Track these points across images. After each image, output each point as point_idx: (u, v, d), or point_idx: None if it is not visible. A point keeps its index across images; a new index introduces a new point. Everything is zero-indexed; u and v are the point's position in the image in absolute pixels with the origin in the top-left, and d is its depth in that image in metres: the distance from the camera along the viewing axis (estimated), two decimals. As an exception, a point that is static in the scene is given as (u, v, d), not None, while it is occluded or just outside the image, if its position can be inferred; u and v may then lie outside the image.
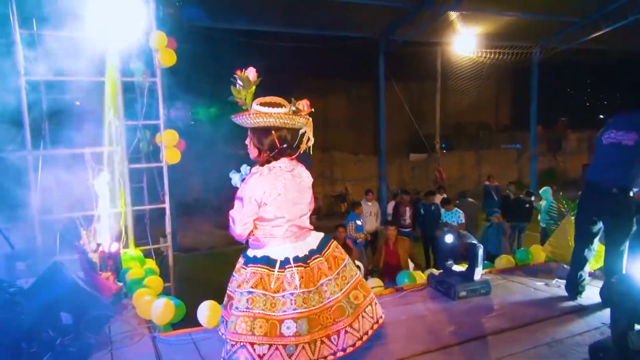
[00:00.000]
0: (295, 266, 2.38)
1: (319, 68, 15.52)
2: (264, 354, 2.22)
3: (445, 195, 9.96)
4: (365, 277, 6.90)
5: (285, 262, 2.39)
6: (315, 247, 2.54)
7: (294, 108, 2.47)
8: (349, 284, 2.52)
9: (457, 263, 4.85)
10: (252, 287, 2.31)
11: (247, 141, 2.52)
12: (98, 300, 3.88)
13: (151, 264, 5.47)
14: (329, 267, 2.49)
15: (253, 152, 2.50)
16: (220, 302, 2.93)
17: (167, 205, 6.19)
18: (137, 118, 6.17)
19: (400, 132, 18.02)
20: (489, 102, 21.37)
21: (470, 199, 10.63)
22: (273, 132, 2.43)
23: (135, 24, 5.53)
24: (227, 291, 2.58)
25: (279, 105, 2.41)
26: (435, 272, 5.03)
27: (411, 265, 6.97)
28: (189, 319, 4.05)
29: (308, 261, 2.44)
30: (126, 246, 5.74)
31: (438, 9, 10.77)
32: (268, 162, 2.45)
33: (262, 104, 2.39)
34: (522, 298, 4.44)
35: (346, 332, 2.42)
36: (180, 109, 7.54)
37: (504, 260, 5.65)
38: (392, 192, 14.16)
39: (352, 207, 8.67)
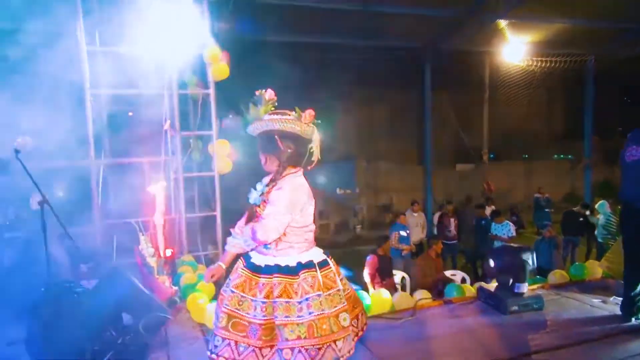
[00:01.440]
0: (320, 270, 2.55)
1: (365, 78, 15.52)
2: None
3: (494, 207, 9.75)
4: (412, 289, 6.86)
5: (311, 265, 2.54)
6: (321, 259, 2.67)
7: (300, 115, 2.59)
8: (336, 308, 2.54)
9: (506, 277, 4.74)
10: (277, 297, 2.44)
11: (262, 156, 2.64)
12: (156, 302, 4.06)
13: (203, 269, 5.65)
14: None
15: (273, 164, 2.60)
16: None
17: (217, 214, 6.39)
18: (191, 129, 6.42)
19: (446, 142, 17.73)
20: (540, 111, 20.67)
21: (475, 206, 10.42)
22: (282, 138, 2.56)
23: (191, 39, 5.78)
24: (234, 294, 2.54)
25: (286, 114, 2.57)
26: (485, 285, 4.95)
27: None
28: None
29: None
30: (180, 252, 5.96)
31: (487, 18, 10.61)
32: (284, 170, 2.58)
33: (270, 114, 2.56)
34: (577, 315, 4.30)
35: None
36: (231, 120, 7.77)
37: (557, 275, 5.47)
38: (437, 203, 13.96)
39: (396, 217, 8.58)
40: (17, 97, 4.88)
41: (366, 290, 4.91)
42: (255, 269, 2.51)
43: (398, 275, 7.22)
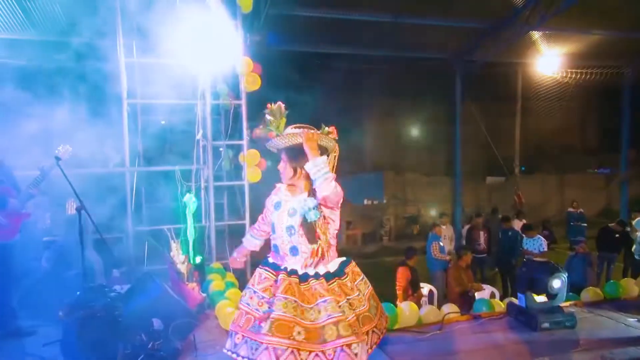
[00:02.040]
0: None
1: (395, 89, 15.52)
2: None
3: (524, 221, 9.55)
4: (443, 299, 6.78)
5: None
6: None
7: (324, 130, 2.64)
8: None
9: (539, 293, 4.64)
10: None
11: (281, 165, 2.65)
12: (185, 308, 4.14)
13: (231, 277, 5.73)
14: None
15: (288, 174, 2.62)
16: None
17: (247, 222, 6.47)
18: (222, 138, 6.55)
19: (476, 154, 17.48)
20: (574, 123, 20.19)
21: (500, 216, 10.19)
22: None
23: (224, 51, 5.92)
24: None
25: (309, 128, 2.59)
26: (515, 301, 4.85)
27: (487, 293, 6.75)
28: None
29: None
30: (209, 259, 6.06)
31: (519, 29, 10.48)
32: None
33: (293, 127, 2.57)
34: (612, 334, 4.16)
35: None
36: (262, 130, 7.89)
37: (591, 293, 5.32)
38: (466, 216, 13.76)
39: (431, 229, 8.47)
40: (57, 107, 5.09)
41: (394, 303, 4.88)
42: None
43: (425, 288, 7.15)
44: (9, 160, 4.32)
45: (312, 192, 2.53)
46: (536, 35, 11.04)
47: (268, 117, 2.56)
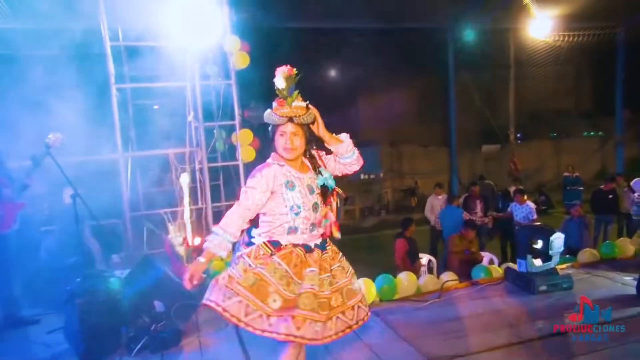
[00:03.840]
0: None
1: (387, 60, 15.39)
2: None
3: (516, 187, 9.57)
4: (439, 271, 6.85)
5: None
6: None
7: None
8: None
9: (536, 257, 4.68)
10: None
11: (295, 140, 2.43)
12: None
13: (230, 257, 5.75)
14: None
15: (302, 148, 2.47)
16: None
17: (243, 202, 6.46)
18: (214, 119, 6.49)
19: (471, 123, 17.45)
20: (568, 87, 20.11)
21: (488, 181, 10.20)
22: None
23: (211, 30, 5.82)
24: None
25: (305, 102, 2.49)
26: (513, 266, 4.91)
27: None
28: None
29: None
30: (208, 240, 6.07)
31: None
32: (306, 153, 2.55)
33: (300, 100, 2.43)
34: (608, 294, 4.23)
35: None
36: (254, 109, 7.82)
37: (587, 254, 5.39)
38: (463, 185, 13.81)
39: (451, 201, 8.51)
40: (45, 94, 5.03)
41: (394, 274, 4.94)
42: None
43: (425, 258, 7.22)
44: (0, 150, 4.29)
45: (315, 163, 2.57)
46: (527, -2, 10.88)
47: (283, 82, 2.39)
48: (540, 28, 12.16)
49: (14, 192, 4.13)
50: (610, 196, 8.83)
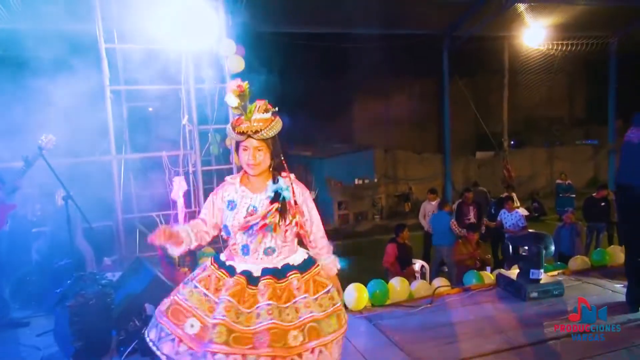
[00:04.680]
0: None
1: (382, 66, 15.43)
2: None
3: (513, 195, 9.62)
4: (432, 277, 6.86)
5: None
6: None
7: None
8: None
9: (524, 263, 4.70)
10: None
11: (258, 155, 2.24)
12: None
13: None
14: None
15: (266, 163, 2.28)
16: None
17: (237, 205, 6.46)
18: (208, 122, 6.50)
19: (465, 130, 17.55)
20: (561, 96, 20.27)
21: (481, 188, 10.24)
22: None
23: (206, 34, 5.84)
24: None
25: (273, 108, 2.29)
26: (504, 272, 4.93)
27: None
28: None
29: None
30: (200, 244, 6.05)
31: (505, 2, 10.43)
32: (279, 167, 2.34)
33: (267, 107, 2.25)
34: (599, 301, 4.24)
35: None
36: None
37: (578, 261, 5.42)
38: (457, 192, 13.86)
39: (442, 207, 8.45)
40: (39, 95, 5.01)
41: (385, 279, 4.94)
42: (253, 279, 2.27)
43: (417, 264, 7.22)
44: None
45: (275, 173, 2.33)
46: (522, 7, 10.99)
47: (235, 100, 2.21)
48: (534, 37, 12.28)
49: (5, 194, 4.10)
50: (602, 204, 8.89)
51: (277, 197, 2.28)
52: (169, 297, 2.35)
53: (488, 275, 5.17)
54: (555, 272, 5.18)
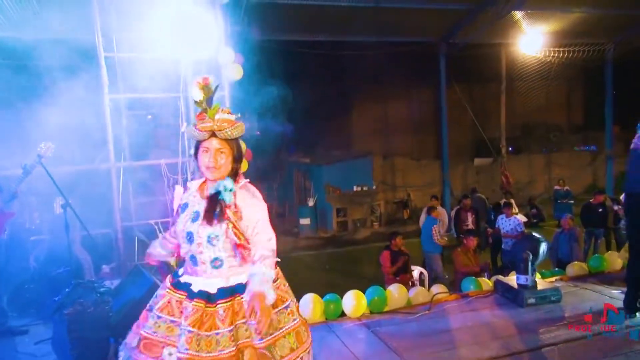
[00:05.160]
0: None
1: (380, 74, 15.55)
2: None
3: (511, 201, 9.65)
4: (430, 284, 6.87)
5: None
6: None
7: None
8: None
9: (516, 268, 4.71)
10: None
11: (220, 158, 2.14)
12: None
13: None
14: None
15: (227, 167, 2.16)
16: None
17: (235, 212, 6.46)
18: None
19: (463, 136, 17.61)
20: (559, 102, 20.37)
21: (479, 194, 10.26)
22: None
23: (205, 41, 5.87)
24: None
25: (230, 112, 2.21)
26: (502, 278, 4.94)
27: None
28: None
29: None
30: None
31: (501, 9, 10.48)
32: (237, 174, 2.23)
33: (230, 113, 2.18)
34: (596, 307, 4.25)
35: None
36: (246, 120, 7.86)
37: (575, 267, 5.44)
38: (456, 198, 13.89)
39: (429, 212, 8.37)
40: (38, 103, 5.04)
41: (384, 286, 4.95)
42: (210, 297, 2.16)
43: (416, 271, 7.22)
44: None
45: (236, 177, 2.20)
46: (518, 14, 11.05)
47: (200, 93, 2.13)
48: (531, 44, 12.35)
49: (3, 202, 4.11)
50: (600, 210, 8.92)
51: (215, 196, 2.14)
52: (134, 332, 2.28)
53: (486, 282, 5.18)
54: (553, 279, 5.20)
